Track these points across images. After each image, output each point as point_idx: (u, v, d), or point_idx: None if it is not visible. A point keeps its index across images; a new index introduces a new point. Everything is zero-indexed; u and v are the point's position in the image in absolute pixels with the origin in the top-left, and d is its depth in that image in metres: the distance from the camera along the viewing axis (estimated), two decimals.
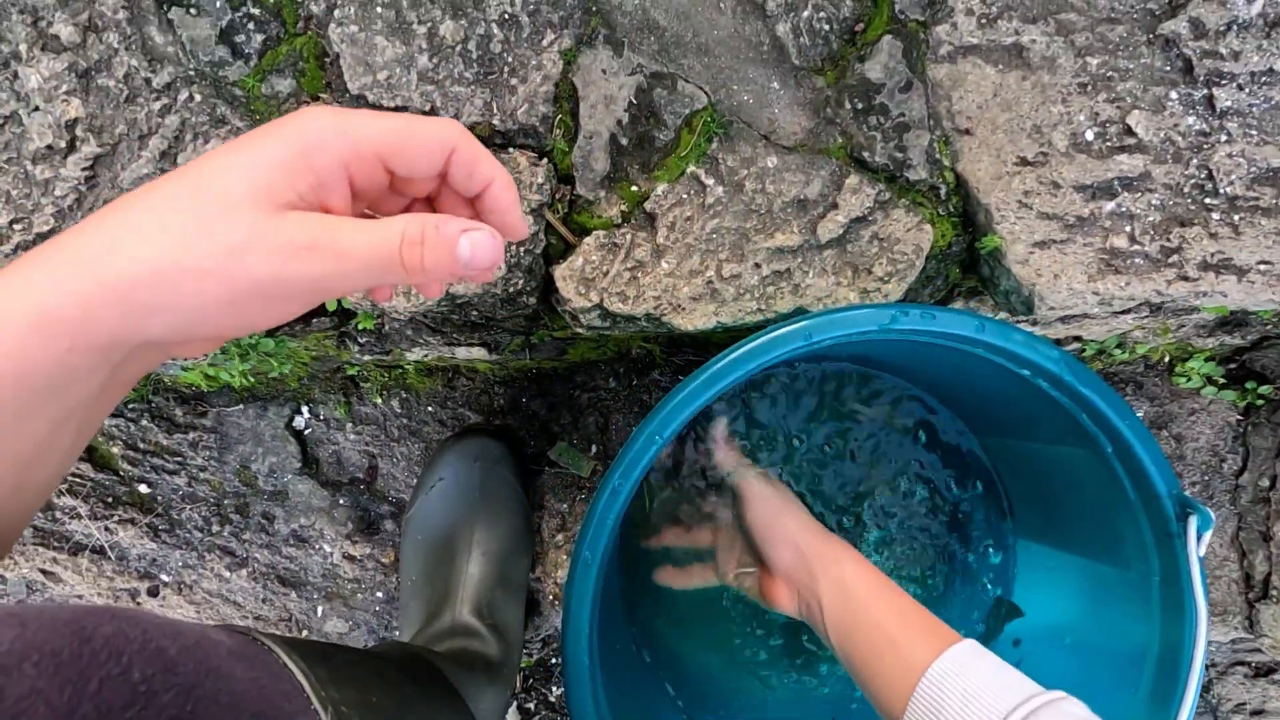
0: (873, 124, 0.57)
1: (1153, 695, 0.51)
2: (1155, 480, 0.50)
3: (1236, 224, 0.57)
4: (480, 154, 0.31)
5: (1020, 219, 0.56)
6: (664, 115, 0.57)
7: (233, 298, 0.27)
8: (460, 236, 0.29)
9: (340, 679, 0.39)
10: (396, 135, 0.29)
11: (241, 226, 0.26)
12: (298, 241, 0.27)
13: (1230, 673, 1.09)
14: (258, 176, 0.27)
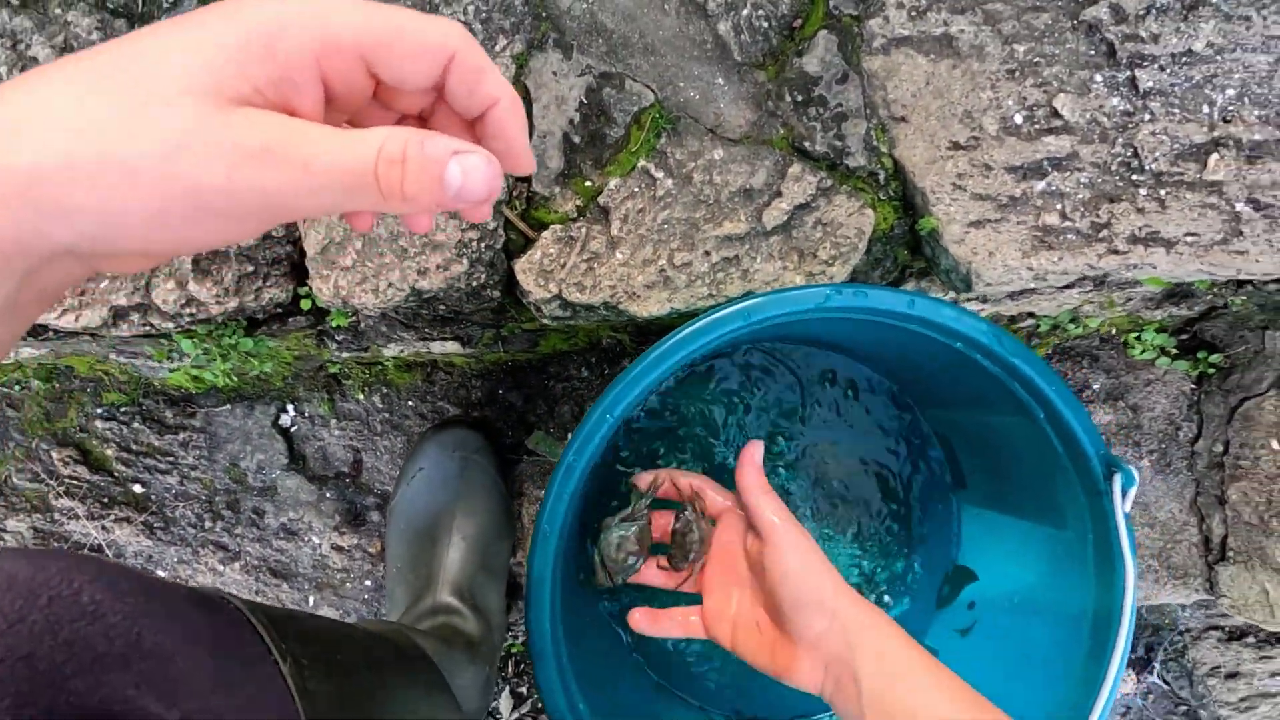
0: (812, 115, 0.60)
1: (1090, 653, 0.54)
2: (1083, 442, 0.52)
3: (1163, 199, 0.60)
4: (485, 65, 0.26)
5: (955, 200, 0.59)
6: (614, 113, 0.59)
7: (164, 205, 0.22)
8: (450, 159, 0.24)
9: (305, 638, 0.41)
10: (384, 30, 0.24)
11: (179, 119, 0.21)
12: (248, 144, 0.22)
13: (1204, 637, 1.12)
14: (205, 59, 0.22)
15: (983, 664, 0.64)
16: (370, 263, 0.59)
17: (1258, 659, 1.11)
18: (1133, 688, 1.14)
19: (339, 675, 0.43)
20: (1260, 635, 1.11)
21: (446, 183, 0.24)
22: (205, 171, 0.21)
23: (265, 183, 0.22)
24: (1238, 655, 1.12)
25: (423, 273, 0.59)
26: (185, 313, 0.59)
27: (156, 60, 0.21)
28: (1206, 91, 0.59)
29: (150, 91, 0.21)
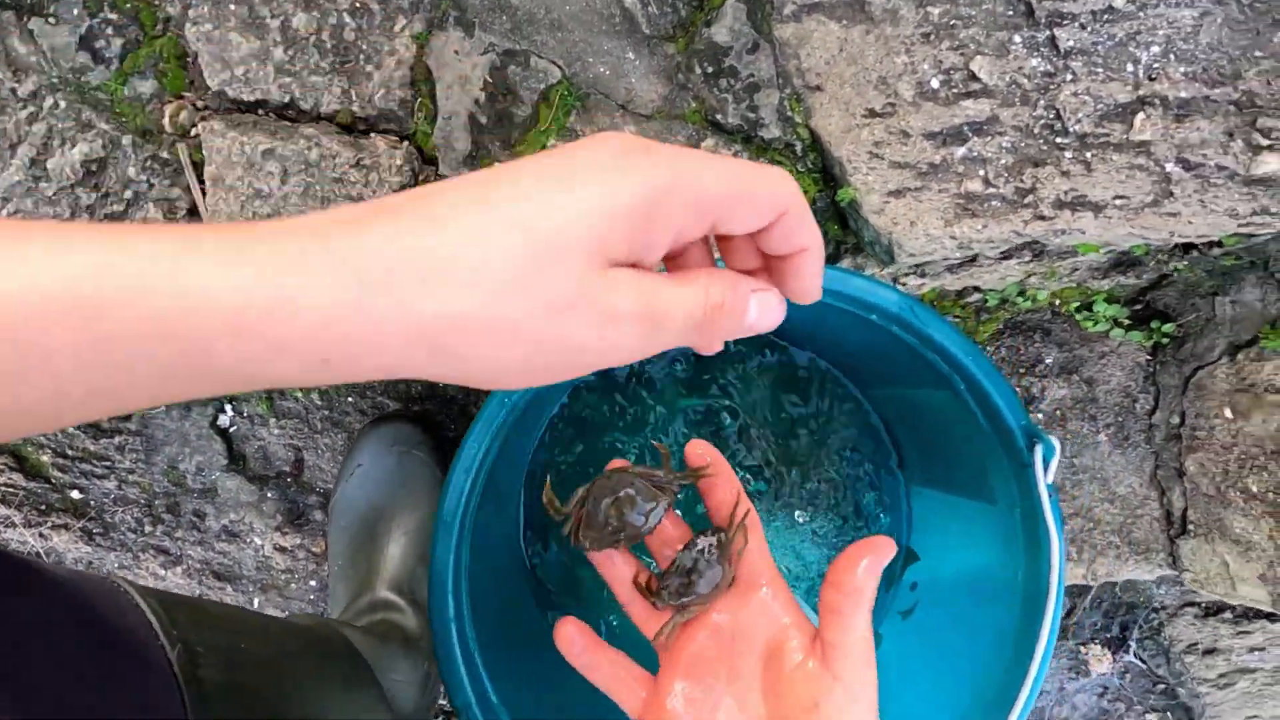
0: (724, 86, 0.58)
1: (1020, 629, 0.53)
2: (1005, 414, 0.51)
3: (1089, 161, 0.58)
4: (806, 219, 0.28)
5: (873, 169, 0.57)
6: (520, 91, 0.58)
7: (542, 357, 0.24)
8: (751, 298, 0.27)
9: (204, 625, 0.40)
10: (737, 194, 0.26)
11: (566, 283, 0.23)
12: (622, 308, 0.24)
13: (1180, 614, 1.11)
14: (598, 224, 0.23)
15: (921, 645, 0.63)
16: None
17: (1235, 634, 1.10)
18: (1109, 667, 1.13)
19: (241, 665, 0.43)
20: (1237, 610, 1.10)
21: (745, 319, 0.27)
22: (582, 331, 0.24)
23: (629, 339, 0.25)
24: (1215, 631, 1.11)
25: None
26: None
27: (558, 218, 0.23)
28: (1130, 49, 0.58)
29: (551, 251, 0.23)
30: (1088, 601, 1.11)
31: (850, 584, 0.35)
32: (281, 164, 0.55)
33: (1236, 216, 0.60)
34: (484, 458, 0.48)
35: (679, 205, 0.25)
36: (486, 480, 0.51)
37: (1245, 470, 0.74)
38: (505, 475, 0.60)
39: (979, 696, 0.55)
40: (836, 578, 0.35)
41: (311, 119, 0.57)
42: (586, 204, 0.23)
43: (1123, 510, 0.87)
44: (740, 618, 0.38)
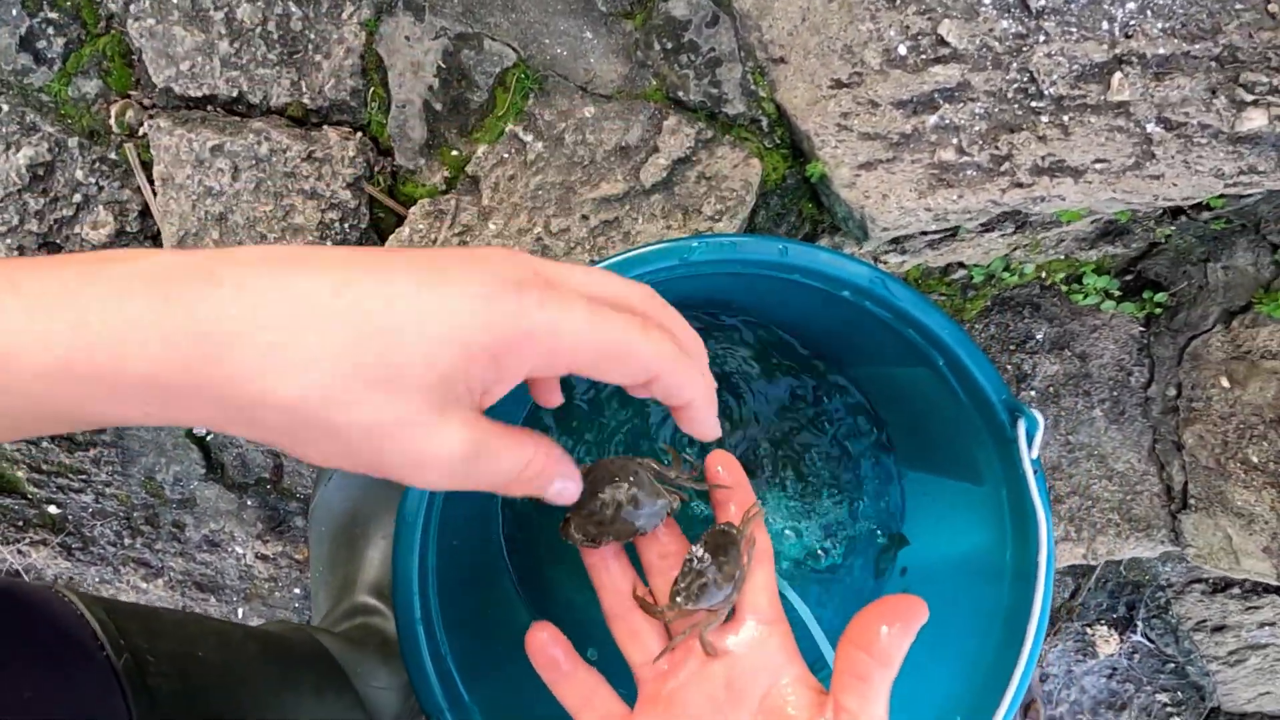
0: (684, 62, 0.56)
1: (1010, 612, 0.51)
2: (985, 388, 0.49)
3: (1066, 125, 0.56)
4: (681, 378, 0.28)
5: (842, 142, 0.55)
6: (475, 76, 0.56)
7: (345, 455, 0.24)
8: (556, 482, 0.30)
9: (156, 634, 0.40)
10: (600, 354, 0.26)
11: (400, 411, 0.23)
12: (443, 453, 0.24)
13: (1187, 591, 1.08)
14: (445, 357, 0.23)
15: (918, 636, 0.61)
16: None
17: (1244, 610, 1.07)
18: (1116, 648, 1.11)
19: (196, 673, 0.41)
20: (1245, 585, 1.07)
21: (544, 492, 0.30)
22: (397, 457, 0.24)
23: (437, 477, 0.25)
24: (1224, 607, 1.09)
25: None
26: None
27: (401, 337, 0.23)
28: (1104, 6, 0.55)
29: (383, 375, 0.23)
30: (1092, 582, 1.08)
31: (878, 647, 0.31)
32: (231, 160, 0.54)
33: (1223, 176, 0.58)
34: None
35: (532, 354, 0.25)
36: None
37: (1245, 440, 0.72)
38: None
39: (971, 680, 0.53)
40: (865, 637, 0.31)
41: (262, 113, 0.56)
42: (440, 330, 0.23)
43: (1121, 487, 0.85)
44: (735, 663, 0.34)
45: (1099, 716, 1.15)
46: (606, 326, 0.26)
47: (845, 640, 0.32)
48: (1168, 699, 1.14)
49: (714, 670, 0.34)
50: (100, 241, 0.57)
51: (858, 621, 0.32)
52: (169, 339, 0.21)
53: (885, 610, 0.31)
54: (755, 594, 0.35)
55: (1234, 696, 1.13)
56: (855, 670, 0.31)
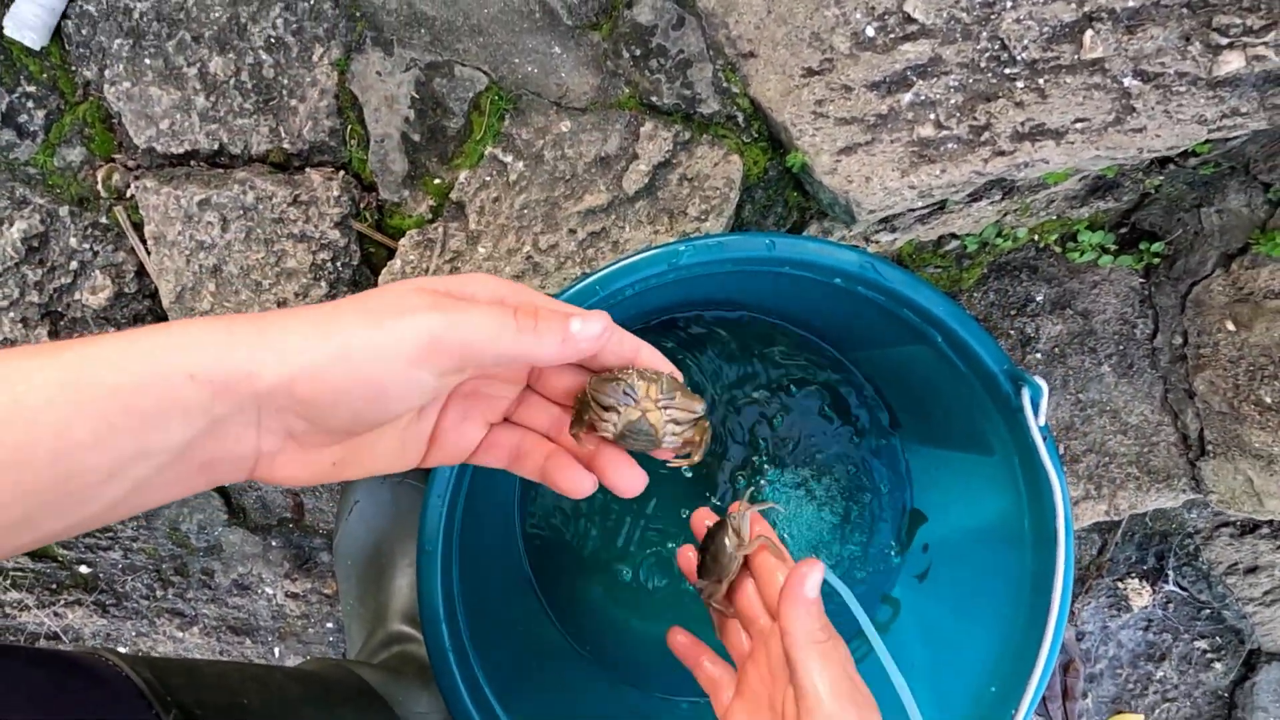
0: (655, 67, 0.56)
1: (1035, 578, 0.51)
2: (985, 359, 0.49)
3: (1042, 88, 0.56)
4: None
5: (819, 129, 0.55)
6: (449, 103, 0.57)
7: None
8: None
9: (200, 686, 0.41)
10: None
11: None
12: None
13: (1216, 536, 1.08)
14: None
15: (940, 606, 0.61)
16: (228, 303, 0.56)
17: (1276, 549, 1.07)
18: (1149, 599, 1.10)
19: (241, 718, 0.42)
20: (1275, 524, 1.07)
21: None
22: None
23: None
24: (1254, 548, 1.08)
25: (282, 303, 0.56)
26: None
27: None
28: None
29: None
30: (1118, 536, 1.08)
31: (786, 625, 0.35)
32: (219, 212, 0.55)
33: (1206, 122, 0.58)
34: (458, 477, 0.47)
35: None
36: (467, 500, 0.50)
37: (1256, 382, 0.71)
38: (490, 493, 0.59)
39: (1005, 648, 0.53)
40: (781, 622, 0.36)
41: (244, 162, 0.57)
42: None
43: (1137, 440, 0.84)
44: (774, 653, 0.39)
45: (1138, 669, 1.15)
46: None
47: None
48: (1206, 645, 1.14)
49: (772, 659, 0.39)
50: (100, 306, 0.57)
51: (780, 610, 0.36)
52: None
53: (787, 587, 0.36)
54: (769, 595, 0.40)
55: (1274, 636, 1.12)
56: (787, 655, 0.35)
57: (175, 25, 0.54)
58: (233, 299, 0.56)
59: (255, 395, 0.28)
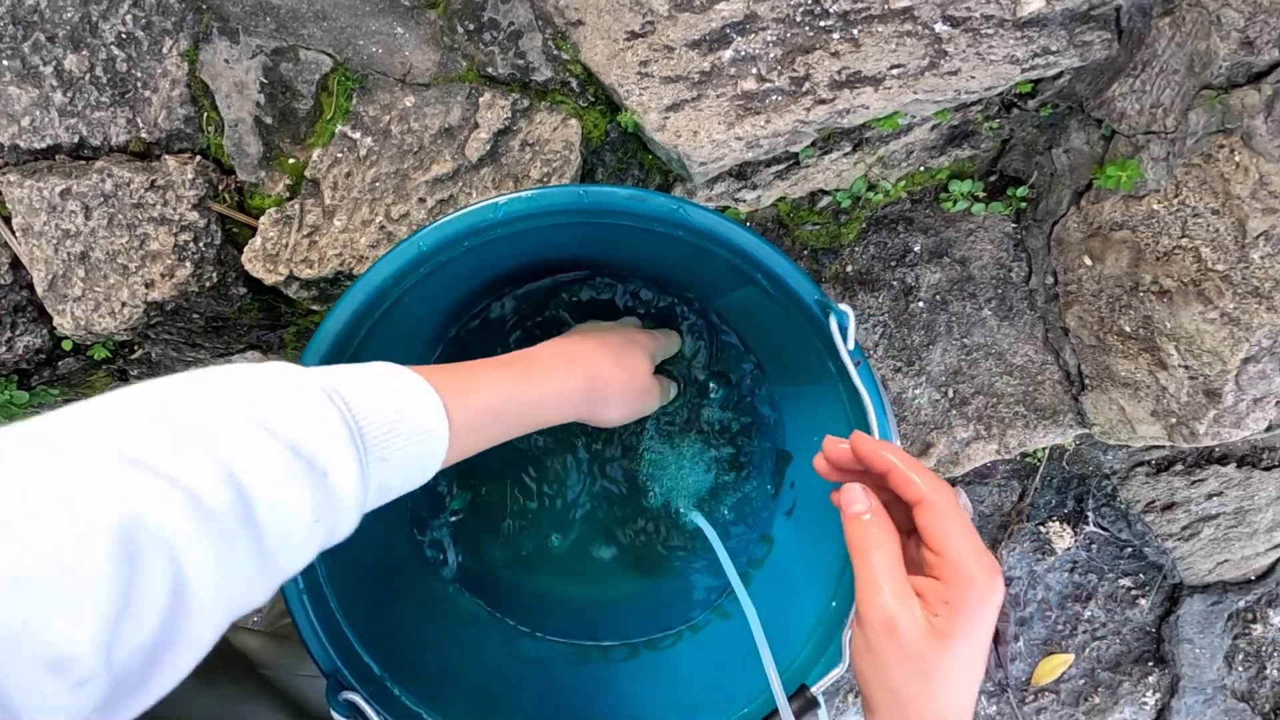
0: (488, 40, 0.59)
1: None
2: (798, 292, 0.52)
3: (856, 38, 0.59)
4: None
5: (645, 89, 0.58)
6: (298, 86, 0.60)
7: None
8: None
9: None
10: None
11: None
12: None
13: (1132, 475, 1.11)
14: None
15: (803, 541, 0.64)
16: (98, 287, 0.59)
17: (1190, 484, 1.10)
18: (1071, 541, 1.13)
19: None
20: (1188, 460, 1.10)
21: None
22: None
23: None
24: (1169, 485, 1.11)
25: (150, 285, 0.59)
26: None
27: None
28: None
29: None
30: (1037, 481, 1.11)
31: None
32: (81, 201, 0.58)
33: (1018, 62, 0.61)
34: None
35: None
36: None
37: (1115, 313, 0.74)
38: None
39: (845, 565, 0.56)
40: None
41: (106, 153, 0.60)
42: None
43: (1023, 380, 0.87)
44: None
45: (1067, 610, 1.18)
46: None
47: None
48: (1131, 582, 1.17)
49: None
50: None
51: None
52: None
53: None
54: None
55: (1194, 569, 1.15)
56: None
57: (30, 27, 0.57)
58: (102, 283, 0.59)
59: (605, 393, 0.50)
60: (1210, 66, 0.59)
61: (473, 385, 0.41)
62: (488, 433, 0.42)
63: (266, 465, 0.28)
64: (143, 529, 0.24)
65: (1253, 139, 0.58)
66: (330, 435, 0.31)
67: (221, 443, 0.28)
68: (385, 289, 0.51)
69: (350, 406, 0.32)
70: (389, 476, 0.34)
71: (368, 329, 0.52)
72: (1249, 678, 1.20)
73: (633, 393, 0.53)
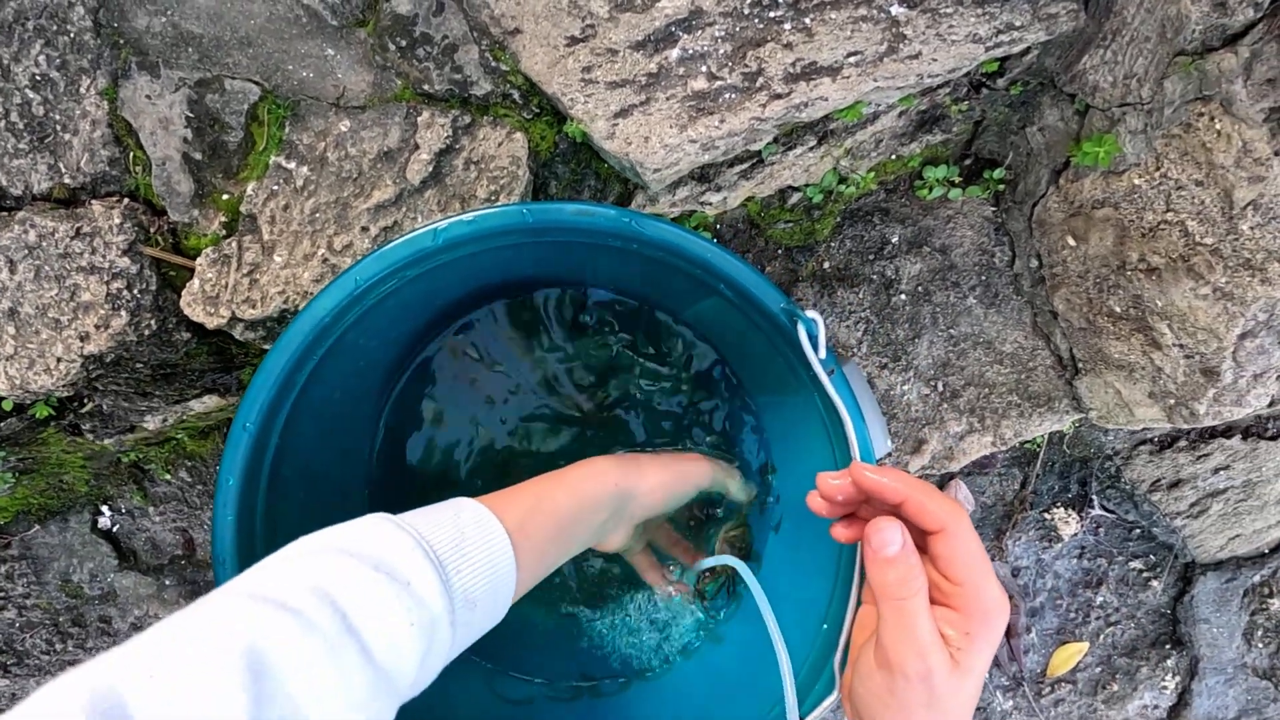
0: (422, 55, 0.56)
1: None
2: (760, 299, 0.49)
3: (809, 27, 0.56)
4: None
5: (590, 96, 0.55)
6: (225, 118, 0.57)
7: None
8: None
9: None
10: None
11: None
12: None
13: (1135, 456, 1.08)
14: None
15: (792, 560, 0.61)
16: (30, 344, 0.56)
17: (1195, 460, 1.07)
18: (1077, 527, 1.10)
19: None
20: (1191, 435, 1.07)
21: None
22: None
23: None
24: (1174, 462, 1.08)
25: (85, 337, 0.56)
26: None
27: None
28: None
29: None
30: (1038, 468, 1.08)
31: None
32: (4, 255, 0.55)
33: (981, 41, 0.58)
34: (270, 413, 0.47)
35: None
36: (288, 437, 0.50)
37: (1104, 294, 0.71)
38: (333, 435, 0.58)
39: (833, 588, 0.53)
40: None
41: (29, 202, 0.57)
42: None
43: (1014, 367, 0.84)
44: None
45: (1078, 597, 1.15)
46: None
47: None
48: (1142, 564, 1.14)
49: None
50: None
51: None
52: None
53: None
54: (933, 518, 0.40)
55: (1205, 547, 1.12)
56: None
57: None
58: (35, 339, 0.56)
59: (633, 498, 0.51)
60: (1183, 31, 0.55)
61: (514, 491, 0.46)
62: (544, 532, 0.45)
63: (355, 581, 0.33)
64: (263, 652, 0.29)
65: (1233, 104, 0.55)
66: (405, 552, 0.36)
67: (313, 570, 0.33)
68: (325, 326, 0.48)
69: (417, 529, 0.38)
70: (470, 587, 0.38)
71: (312, 368, 0.49)
72: (1270, 654, 1.17)
73: (668, 461, 0.56)
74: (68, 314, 0.56)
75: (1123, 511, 1.09)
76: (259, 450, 0.48)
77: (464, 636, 0.39)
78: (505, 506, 0.43)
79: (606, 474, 0.50)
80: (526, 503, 0.45)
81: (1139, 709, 1.18)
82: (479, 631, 0.40)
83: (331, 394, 0.54)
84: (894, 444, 0.88)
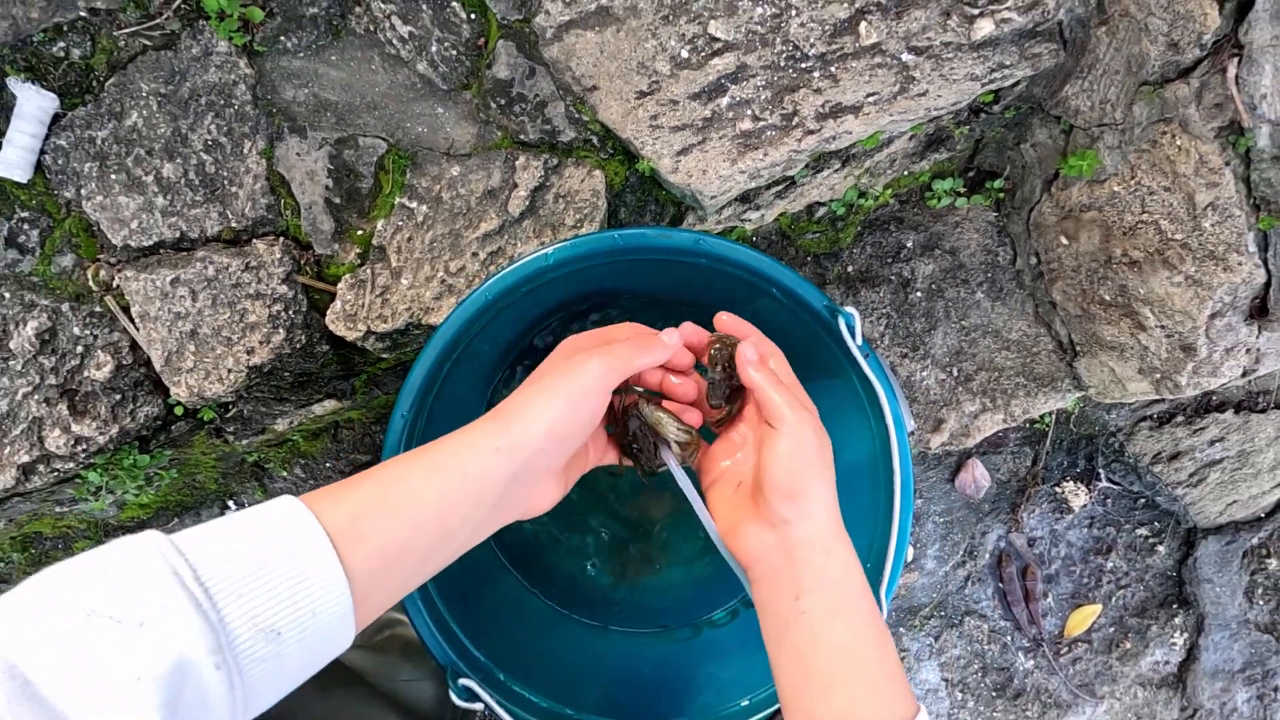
0: (518, 111, 0.69)
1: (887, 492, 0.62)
2: (809, 300, 0.61)
3: (834, 74, 0.68)
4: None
5: (657, 138, 0.68)
6: (359, 169, 0.69)
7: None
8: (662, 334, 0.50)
9: None
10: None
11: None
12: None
13: (1136, 431, 1.18)
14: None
15: None
16: (207, 358, 0.69)
17: (1192, 434, 1.17)
18: (1086, 499, 1.21)
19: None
20: (1188, 411, 1.17)
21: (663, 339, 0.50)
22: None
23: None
24: (1173, 436, 1.18)
25: (250, 351, 0.69)
26: (78, 450, 0.70)
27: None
28: None
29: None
30: (1047, 445, 1.19)
31: (750, 383, 0.51)
32: (188, 287, 0.67)
33: (978, 78, 0.70)
34: (411, 424, 0.59)
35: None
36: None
37: (1095, 285, 0.82)
38: None
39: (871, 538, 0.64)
40: (747, 384, 0.51)
41: (203, 243, 0.69)
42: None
43: (1020, 353, 0.96)
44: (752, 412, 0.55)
45: (1090, 563, 1.25)
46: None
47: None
48: (1147, 531, 1.24)
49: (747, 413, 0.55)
50: (105, 378, 0.70)
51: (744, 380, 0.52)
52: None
53: (739, 363, 0.52)
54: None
55: (1205, 513, 1.22)
56: (755, 396, 0.51)
57: (130, 144, 0.67)
58: (210, 355, 0.69)
59: (534, 447, 0.42)
60: (1145, 66, 0.67)
61: (352, 481, 0.40)
62: (393, 529, 0.38)
63: (51, 637, 0.29)
64: None
65: (1189, 125, 0.66)
66: (149, 584, 0.30)
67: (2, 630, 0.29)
68: (460, 335, 0.60)
69: (186, 549, 0.32)
70: (265, 612, 0.32)
71: (447, 370, 0.62)
72: (1270, 610, 1.26)
73: (555, 378, 0.47)
74: (238, 333, 0.69)
75: (1128, 483, 1.20)
76: (410, 437, 0.60)
77: (268, 672, 0.33)
78: (333, 503, 0.36)
79: (481, 436, 0.42)
80: (363, 495, 0.37)
81: (1151, 664, 1.27)
82: (303, 664, 0.34)
83: (457, 390, 0.66)
84: (915, 424, 0.99)
